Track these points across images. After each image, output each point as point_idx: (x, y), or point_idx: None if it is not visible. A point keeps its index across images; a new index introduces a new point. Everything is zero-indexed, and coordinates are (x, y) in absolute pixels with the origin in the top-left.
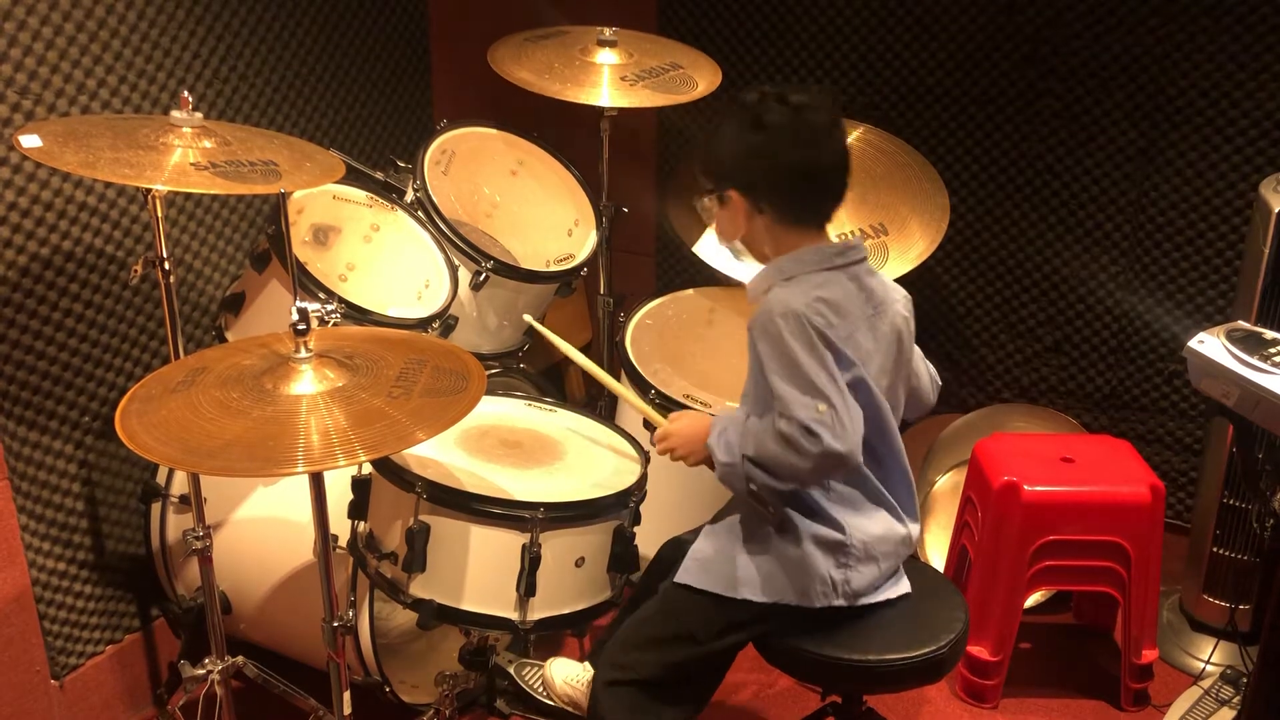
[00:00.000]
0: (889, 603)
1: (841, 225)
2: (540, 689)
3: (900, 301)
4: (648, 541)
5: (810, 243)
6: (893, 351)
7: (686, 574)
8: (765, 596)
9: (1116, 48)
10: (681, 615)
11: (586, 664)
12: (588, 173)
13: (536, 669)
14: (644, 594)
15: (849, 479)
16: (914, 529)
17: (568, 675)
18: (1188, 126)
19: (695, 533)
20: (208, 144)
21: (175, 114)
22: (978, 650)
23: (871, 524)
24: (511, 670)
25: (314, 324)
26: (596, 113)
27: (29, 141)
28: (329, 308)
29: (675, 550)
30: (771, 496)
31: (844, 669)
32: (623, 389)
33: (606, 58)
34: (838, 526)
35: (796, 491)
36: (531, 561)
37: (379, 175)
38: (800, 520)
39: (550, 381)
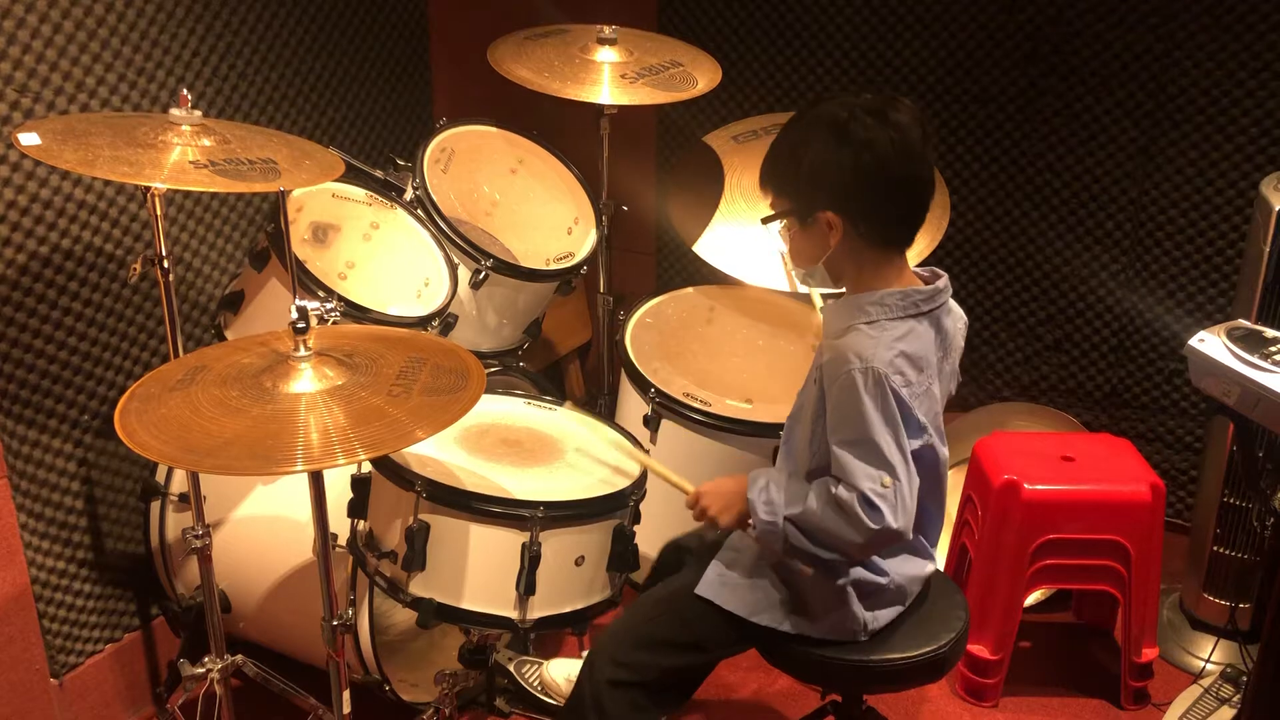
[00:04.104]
0: None
1: None
2: (539, 687)
3: (962, 333)
4: (648, 540)
5: (892, 266)
6: (950, 386)
7: (709, 589)
8: (790, 627)
9: (1117, 46)
10: (695, 626)
11: None
12: (588, 171)
13: (536, 666)
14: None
15: None
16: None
17: (571, 675)
18: (1188, 125)
19: (695, 535)
20: (207, 142)
21: (174, 112)
22: (978, 649)
23: (909, 566)
24: (511, 668)
25: (313, 322)
26: (596, 111)
27: (28, 139)
28: (328, 306)
29: (676, 554)
30: (808, 561)
31: (844, 668)
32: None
33: (606, 55)
34: (881, 572)
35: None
36: (531, 560)
37: (378, 173)
38: (844, 561)
39: (550, 380)
